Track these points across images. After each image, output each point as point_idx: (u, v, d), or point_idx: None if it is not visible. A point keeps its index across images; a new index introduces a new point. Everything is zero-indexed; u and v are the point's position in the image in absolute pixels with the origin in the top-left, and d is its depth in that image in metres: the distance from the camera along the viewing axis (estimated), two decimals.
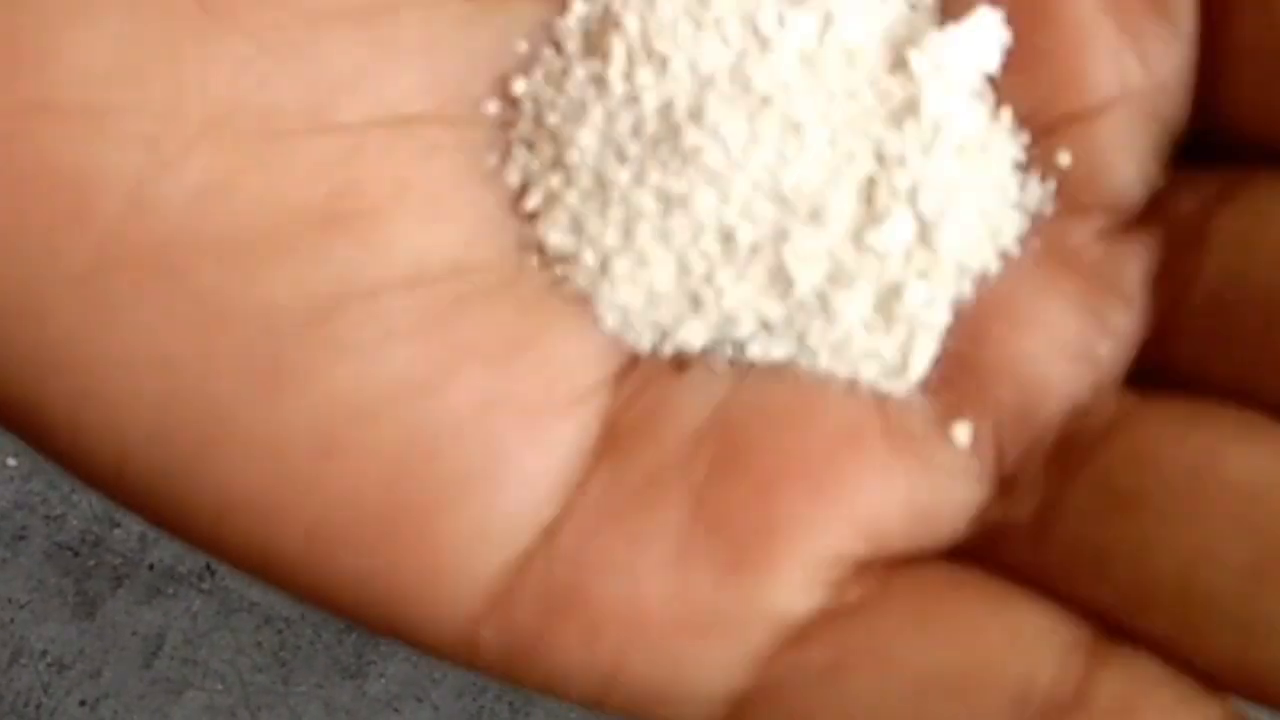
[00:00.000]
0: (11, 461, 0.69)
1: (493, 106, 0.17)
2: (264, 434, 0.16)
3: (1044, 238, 0.17)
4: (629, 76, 0.17)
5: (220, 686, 0.68)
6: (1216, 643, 0.15)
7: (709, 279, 0.17)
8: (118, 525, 0.69)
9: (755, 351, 0.17)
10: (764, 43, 0.17)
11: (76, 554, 0.69)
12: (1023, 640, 0.16)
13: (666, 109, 0.17)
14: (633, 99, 0.17)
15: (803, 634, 0.16)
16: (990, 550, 0.16)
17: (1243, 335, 0.16)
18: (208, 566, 0.68)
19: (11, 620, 0.68)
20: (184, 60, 0.16)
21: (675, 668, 0.16)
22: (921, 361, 0.17)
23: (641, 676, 0.16)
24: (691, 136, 0.16)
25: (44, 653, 0.68)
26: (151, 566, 0.68)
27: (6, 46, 0.15)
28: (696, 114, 0.17)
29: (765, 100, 0.17)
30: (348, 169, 0.16)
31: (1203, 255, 0.16)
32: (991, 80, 0.17)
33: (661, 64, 0.17)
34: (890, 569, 0.16)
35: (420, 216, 0.16)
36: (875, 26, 0.17)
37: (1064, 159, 0.17)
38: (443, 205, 0.16)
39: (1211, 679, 0.15)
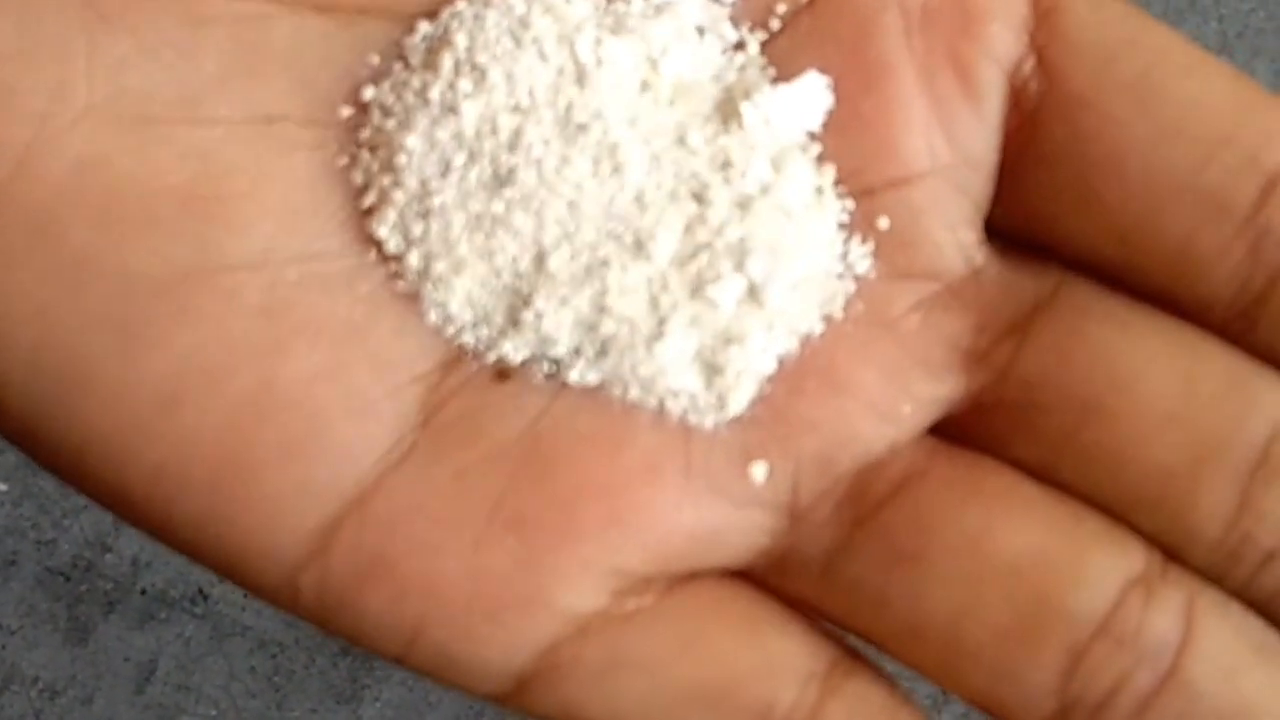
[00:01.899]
0: (2, 486, 0.69)
1: (346, 111, 0.19)
2: (118, 385, 0.18)
3: (867, 302, 0.19)
4: (453, 87, 0.18)
5: (214, 712, 0.68)
6: (973, 682, 0.18)
7: (527, 301, 0.18)
8: (109, 550, 0.68)
9: (572, 376, 0.19)
10: (581, 68, 0.18)
11: (68, 579, 0.68)
12: (771, 666, 0.18)
13: (488, 130, 0.18)
14: (453, 109, 0.18)
15: (582, 631, 0.18)
16: (780, 577, 0.19)
17: (1048, 433, 0.18)
18: (200, 591, 0.68)
19: (3, 646, 0.68)
20: (74, 51, 0.18)
21: (468, 641, 0.18)
22: (740, 403, 0.19)
23: (439, 643, 0.18)
24: (507, 159, 0.18)
25: (35, 679, 0.67)
26: (144, 591, 0.68)
27: None
28: (514, 137, 0.18)
29: (581, 127, 0.18)
30: (212, 158, 0.18)
31: (1020, 354, 0.19)
32: (815, 139, 0.19)
33: (481, 75, 0.18)
34: (671, 584, 0.19)
35: (274, 207, 0.18)
36: (703, 69, 0.19)
37: (883, 222, 0.19)
38: (295, 198, 0.18)
39: (968, 702, 0.18)
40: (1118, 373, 0.18)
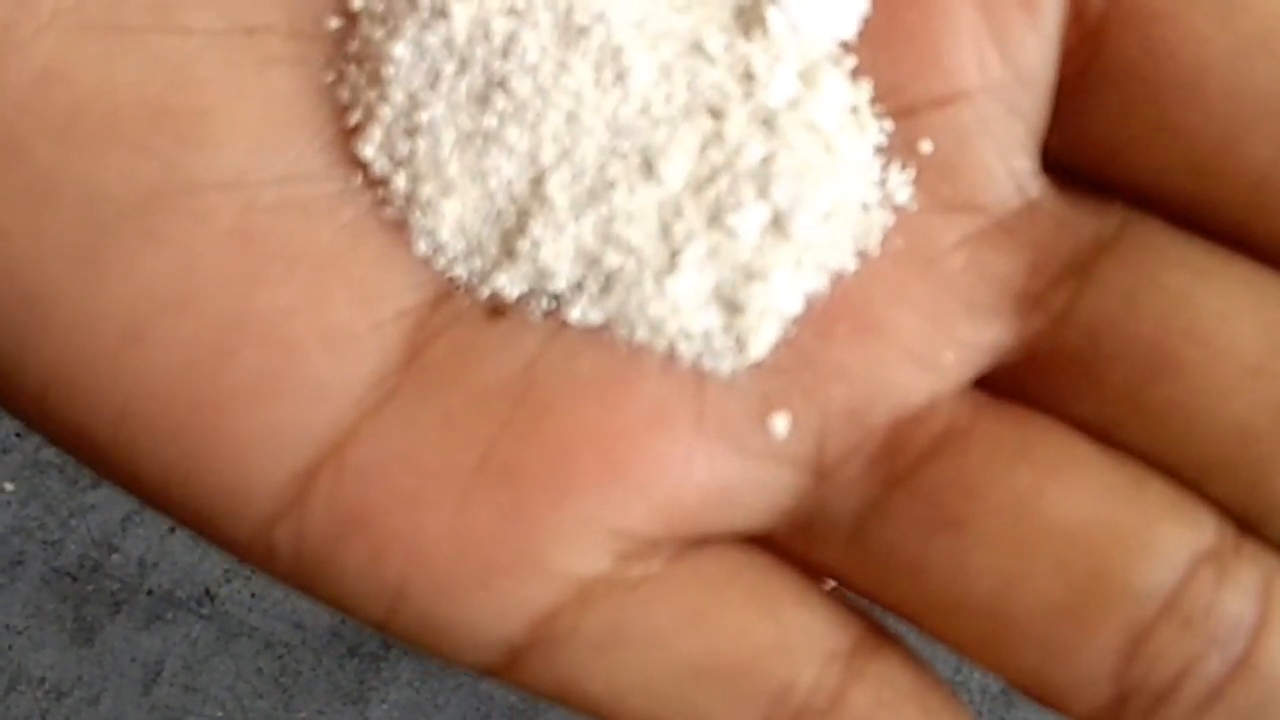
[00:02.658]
0: (8, 486, 0.70)
1: (334, 22, 0.18)
2: (80, 315, 0.17)
3: (906, 237, 0.17)
4: None
5: (220, 713, 0.68)
6: (1020, 661, 0.17)
7: (523, 229, 0.17)
8: (116, 551, 0.69)
9: (573, 313, 0.17)
10: None
11: (74, 579, 0.68)
12: (789, 644, 0.17)
13: (480, 35, 0.17)
14: (443, 13, 0.17)
15: (582, 597, 0.17)
16: (804, 542, 0.18)
17: (1112, 387, 0.17)
18: (207, 591, 0.68)
19: (9, 647, 0.68)
20: None
21: (455, 606, 0.17)
22: (761, 347, 0.17)
23: (423, 608, 0.17)
24: (500, 67, 0.17)
25: (42, 679, 0.67)
26: (150, 592, 0.68)
27: None
28: (508, 42, 0.17)
29: (582, 30, 0.17)
30: (186, 70, 0.17)
31: (1082, 298, 0.17)
32: (849, 50, 0.17)
33: None
34: (682, 548, 0.17)
35: (251, 124, 0.17)
36: None
37: (926, 146, 0.17)
38: (274, 116, 0.17)
39: (1013, 685, 0.17)
40: (1194, 322, 0.17)
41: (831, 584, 0.18)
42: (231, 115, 0.17)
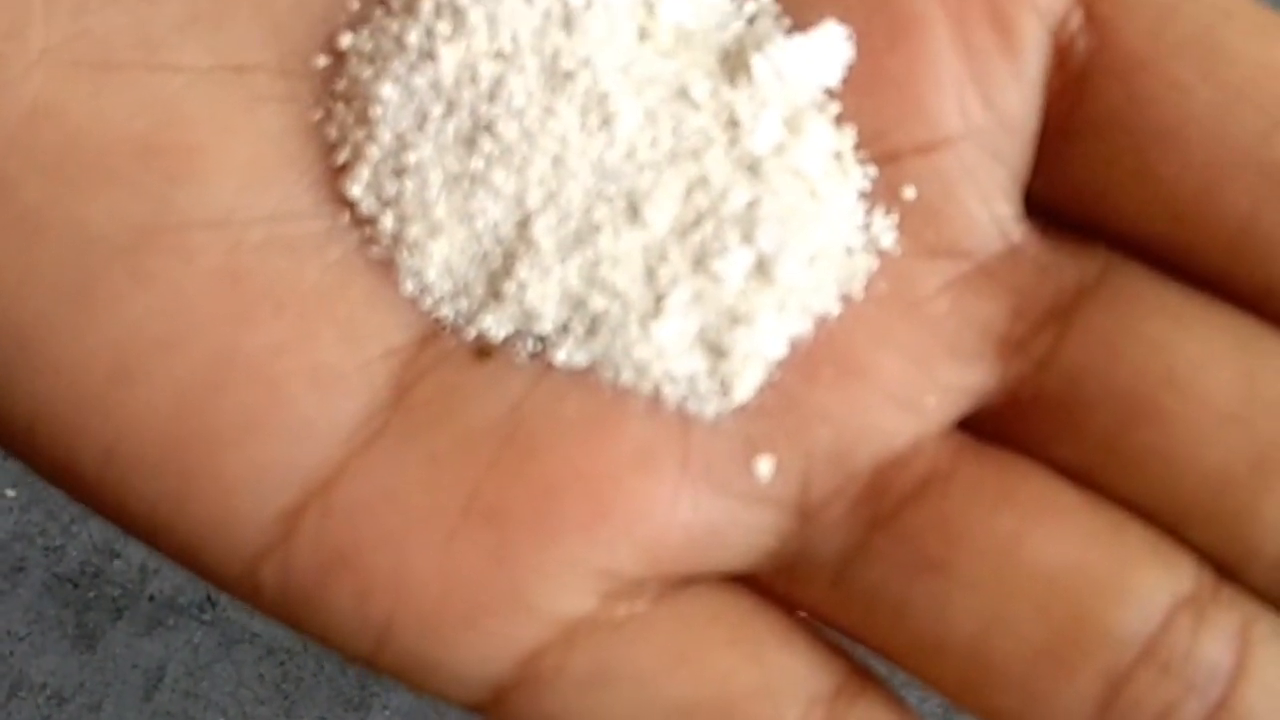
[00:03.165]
0: (10, 492, 0.70)
1: (322, 61, 0.18)
2: (69, 354, 0.17)
3: (891, 282, 0.18)
4: (431, 31, 0.17)
5: (222, 719, 0.68)
6: (1000, 703, 0.17)
7: (509, 270, 0.17)
8: (118, 557, 0.69)
9: (559, 356, 0.17)
10: (570, 12, 0.17)
11: (76, 585, 0.69)
12: (772, 687, 0.17)
13: (468, 78, 0.17)
14: (430, 55, 0.17)
15: (568, 637, 0.17)
16: (788, 583, 0.18)
17: (1092, 432, 0.17)
18: (209, 598, 0.68)
19: (11, 653, 0.68)
20: None
21: (441, 644, 0.17)
22: (746, 390, 0.17)
23: (409, 646, 0.17)
24: (487, 110, 0.17)
25: (43, 685, 0.68)
26: (152, 598, 0.69)
27: None
28: (495, 86, 0.17)
29: (568, 75, 0.17)
30: (174, 108, 0.17)
31: (1063, 344, 0.17)
32: (834, 97, 0.18)
33: (461, 18, 0.17)
34: (667, 589, 0.17)
35: (239, 162, 0.17)
36: (708, 17, 0.17)
37: (909, 192, 0.18)
38: (262, 153, 0.17)
39: None
40: (1173, 368, 0.17)
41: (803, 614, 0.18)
42: (220, 153, 0.17)
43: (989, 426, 0.18)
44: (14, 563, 0.68)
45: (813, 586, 0.18)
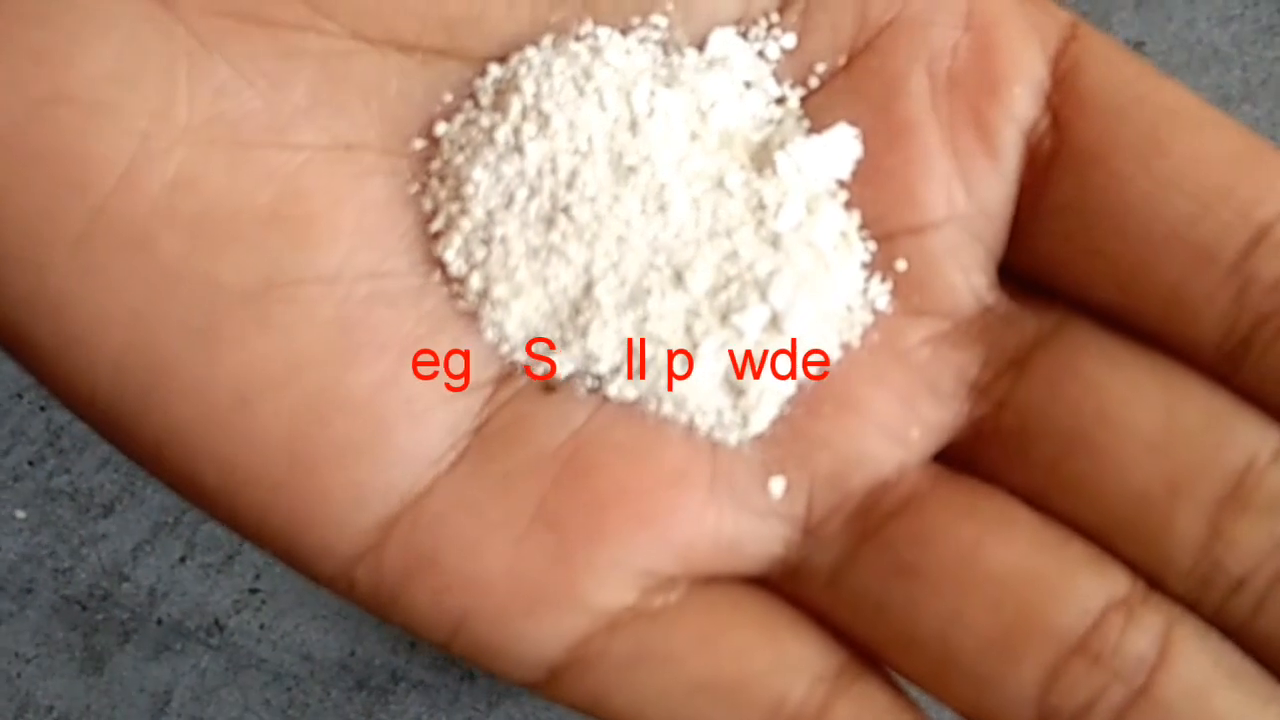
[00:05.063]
0: (20, 514, 0.71)
1: (419, 144, 0.21)
2: (197, 384, 0.20)
3: (882, 333, 0.21)
4: (519, 130, 0.21)
5: None
6: (960, 690, 0.20)
7: (575, 322, 0.21)
8: (127, 580, 0.69)
9: (612, 391, 0.21)
10: (636, 117, 0.21)
11: (84, 608, 0.69)
12: (783, 665, 0.20)
13: (549, 169, 0.21)
14: (518, 148, 0.21)
15: (611, 626, 0.20)
16: (793, 585, 0.21)
17: (1039, 461, 0.20)
18: (216, 622, 0.69)
19: (18, 675, 0.69)
20: (177, 74, 0.20)
21: (506, 633, 0.20)
22: (761, 422, 0.21)
23: (479, 635, 0.20)
24: (564, 196, 0.20)
25: (50, 708, 0.68)
26: (160, 622, 0.69)
27: (34, 49, 0.19)
28: (572, 177, 0.20)
29: (632, 169, 0.20)
30: (296, 181, 0.20)
31: (1018, 386, 0.20)
32: (844, 186, 0.21)
33: (545, 121, 0.21)
34: (696, 585, 0.20)
35: (349, 227, 0.20)
36: (747, 120, 0.21)
37: (901, 265, 0.21)
38: (368, 220, 0.20)
39: (958, 713, 0.20)
40: (1104, 405, 0.20)
41: None
42: (332, 219, 0.20)
43: (958, 458, 0.21)
44: (23, 584, 0.69)
45: (811, 589, 0.20)
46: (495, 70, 0.21)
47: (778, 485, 0.20)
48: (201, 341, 0.20)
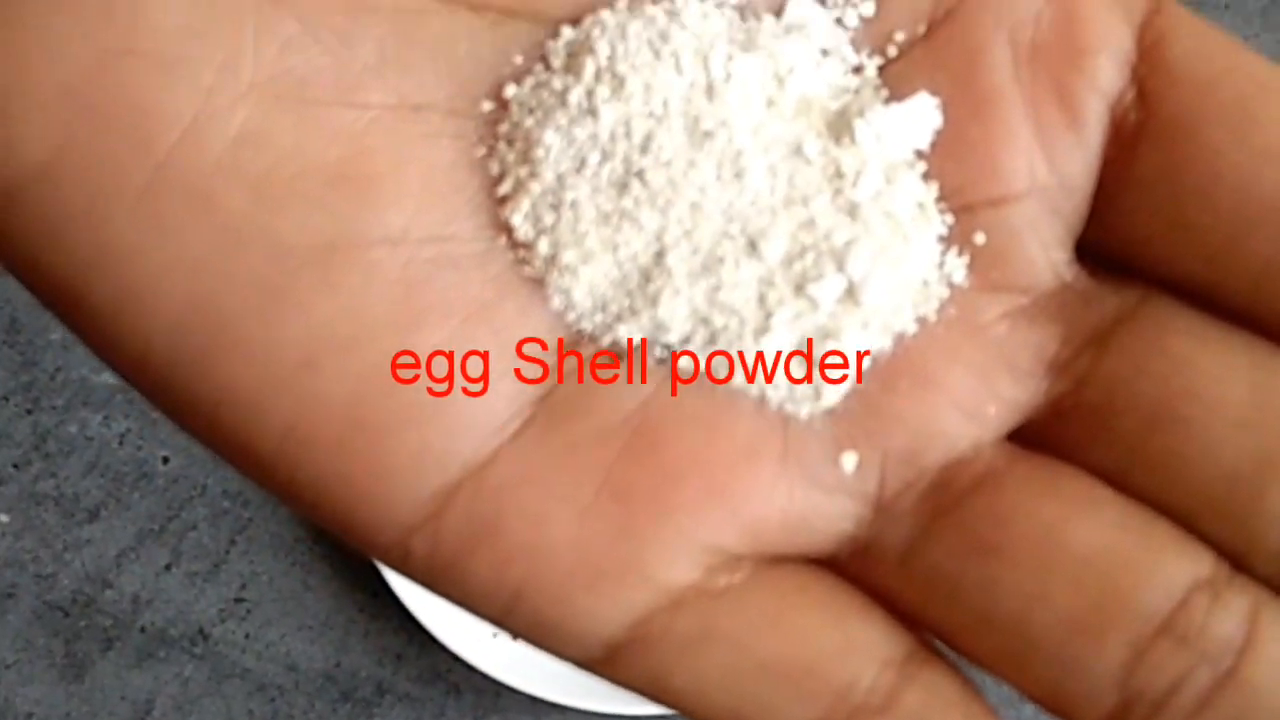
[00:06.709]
0: (3, 518, 0.70)
1: (487, 106, 0.21)
2: (258, 344, 0.19)
3: (959, 308, 0.21)
4: (592, 92, 0.20)
5: None
6: (1039, 671, 0.19)
7: (645, 290, 0.20)
8: (110, 587, 0.69)
9: (684, 362, 0.20)
10: (712, 82, 0.20)
11: (66, 614, 0.68)
12: (851, 649, 0.20)
13: (623, 133, 0.20)
14: (591, 111, 0.20)
15: (675, 603, 0.20)
16: (862, 565, 0.20)
17: (1122, 439, 0.20)
18: (200, 631, 0.68)
19: None
20: (243, 29, 0.19)
21: (566, 607, 0.20)
22: (835, 396, 0.20)
23: (537, 609, 0.20)
24: (638, 160, 0.20)
25: (29, 715, 0.67)
26: (143, 629, 0.68)
27: (101, 2, 0.19)
28: (646, 140, 0.20)
29: (708, 135, 0.20)
30: (361, 140, 0.20)
31: (1100, 363, 0.20)
32: (922, 157, 0.21)
33: (620, 83, 0.20)
34: (762, 564, 0.20)
35: (413, 189, 0.20)
36: (824, 88, 0.21)
37: (980, 238, 0.21)
38: (434, 182, 0.20)
39: (1030, 697, 0.20)
40: (1192, 381, 0.19)
41: None
42: (399, 180, 0.20)
43: (1035, 437, 0.20)
44: (4, 589, 0.68)
45: (881, 569, 0.20)
46: (568, 32, 0.21)
47: (850, 461, 0.20)
48: (265, 301, 0.19)
